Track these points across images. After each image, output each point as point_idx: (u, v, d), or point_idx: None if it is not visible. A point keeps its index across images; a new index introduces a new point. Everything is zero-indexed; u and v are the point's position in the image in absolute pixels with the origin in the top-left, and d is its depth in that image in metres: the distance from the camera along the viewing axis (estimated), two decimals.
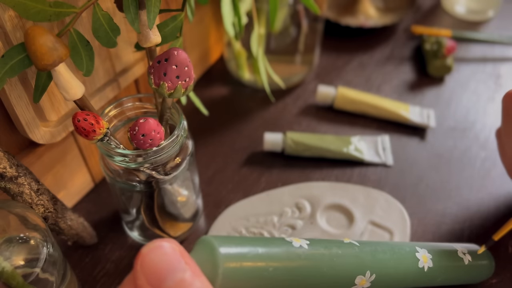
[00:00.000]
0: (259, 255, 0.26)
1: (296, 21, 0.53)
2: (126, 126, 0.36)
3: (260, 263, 0.26)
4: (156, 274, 0.20)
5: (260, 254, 0.26)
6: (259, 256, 0.26)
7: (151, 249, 0.21)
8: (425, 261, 0.33)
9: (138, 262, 0.21)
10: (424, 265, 0.33)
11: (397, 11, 0.68)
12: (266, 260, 0.26)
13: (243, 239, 0.27)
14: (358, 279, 0.30)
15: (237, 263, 0.25)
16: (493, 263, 0.37)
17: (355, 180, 0.48)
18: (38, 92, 0.30)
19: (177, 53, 0.29)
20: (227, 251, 0.25)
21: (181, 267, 0.21)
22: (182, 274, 0.20)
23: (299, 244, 0.28)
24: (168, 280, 0.20)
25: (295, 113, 0.55)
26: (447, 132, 0.53)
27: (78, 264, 0.40)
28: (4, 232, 0.28)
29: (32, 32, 0.25)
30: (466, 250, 0.36)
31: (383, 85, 0.59)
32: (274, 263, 0.26)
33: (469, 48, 0.66)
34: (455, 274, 0.35)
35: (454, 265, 0.35)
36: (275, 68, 0.53)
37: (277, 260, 0.26)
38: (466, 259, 0.35)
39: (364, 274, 0.30)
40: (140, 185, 0.35)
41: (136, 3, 0.29)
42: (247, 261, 0.25)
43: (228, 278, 0.24)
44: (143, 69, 0.43)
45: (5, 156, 0.30)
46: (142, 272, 0.20)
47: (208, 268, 0.24)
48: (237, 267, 0.25)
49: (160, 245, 0.21)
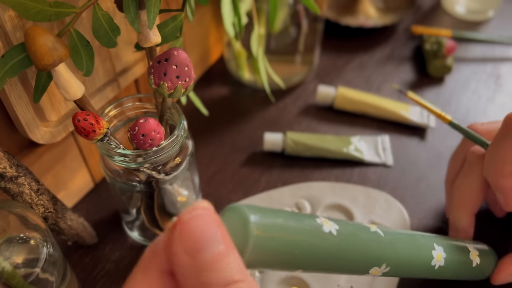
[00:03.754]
0: (291, 228, 0.25)
1: (296, 21, 0.53)
2: (126, 126, 0.36)
3: (292, 236, 0.25)
4: (195, 244, 0.20)
5: (292, 227, 0.25)
6: (291, 230, 0.25)
7: (192, 217, 0.20)
8: (438, 260, 0.33)
9: (177, 228, 0.20)
10: (436, 263, 0.33)
11: (397, 11, 0.68)
12: (297, 235, 0.25)
13: (275, 211, 0.26)
14: (373, 269, 0.30)
15: (268, 233, 0.24)
16: (496, 262, 0.38)
17: (355, 180, 0.48)
18: (38, 92, 0.30)
19: (177, 53, 0.29)
20: (258, 219, 0.24)
21: (218, 239, 0.20)
22: (218, 247, 0.20)
23: (329, 229, 0.27)
24: (205, 252, 0.20)
25: (295, 113, 0.55)
26: (447, 132, 0.53)
27: (78, 264, 0.40)
28: (4, 232, 0.28)
29: (32, 32, 0.25)
30: (478, 252, 0.36)
31: (383, 85, 0.59)
32: (304, 240, 0.26)
33: (469, 48, 0.66)
34: (460, 273, 0.35)
35: (462, 267, 0.35)
36: (275, 68, 0.53)
37: (307, 237, 0.26)
38: (475, 262, 0.35)
39: (380, 266, 0.30)
40: (140, 185, 0.35)
41: (136, 3, 0.29)
42: (278, 233, 0.24)
43: (258, 248, 0.23)
44: (143, 69, 0.43)
45: (5, 156, 0.30)
46: (181, 240, 0.20)
47: (239, 237, 0.23)
48: (268, 237, 0.24)
49: (201, 213, 0.20)
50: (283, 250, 0.25)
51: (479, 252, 0.36)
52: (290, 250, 0.25)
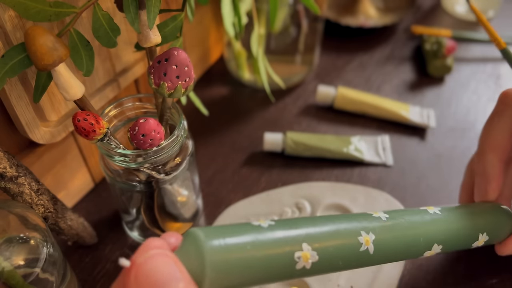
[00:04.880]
0: (249, 245, 0.24)
1: (296, 21, 0.53)
2: (126, 126, 0.36)
3: (249, 253, 0.24)
4: (152, 286, 0.19)
5: (251, 244, 0.24)
6: (249, 248, 0.24)
7: (147, 259, 0.19)
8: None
9: (131, 273, 0.19)
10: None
11: (397, 11, 0.68)
12: (256, 251, 0.24)
13: (236, 228, 0.25)
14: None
15: (225, 256, 0.23)
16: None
17: (355, 180, 0.48)
18: (38, 92, 0.30)
19: (177, 53, 0.29)
20: (214, 244, 0.23)
21: (177, 277, 0.20)
22: (177, 284, 0.19)
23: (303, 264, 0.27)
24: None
25: (295, 113, 0.55)
26: (447, 132, 0.53)
27: (78, 264, 0.40)
28: (4, 232, 0.28)
29: (32, 32, 0.25)
30: (487, 236, 0.35)
31: (383, 85, 0.59)
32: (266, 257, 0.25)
33: (469, 48, 0.66)
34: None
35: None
36: (275, 68, 0.53)
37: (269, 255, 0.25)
38: (481, 240, 0.35)
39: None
40: (140, 185, 0.35)
41: (136, 3, 0.29)
42: (236, 254, 0.24)
43: (217, 273, 0.23)
44: (143, 69, 0.43)
45: (5, 156, 0.30)
46: (137, 284, 0.19)
47: (194, 264, 0.22)
48: (225, 260, 0.23)
49: (156, 254, 0.20)
50: (244, 268, 0.24)
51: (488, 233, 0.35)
52: (251, 266, 0.24)
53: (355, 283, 0.38)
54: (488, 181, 0.36)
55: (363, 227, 0.29)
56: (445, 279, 0.40)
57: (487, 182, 0.36)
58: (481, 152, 0.37)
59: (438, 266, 0.41)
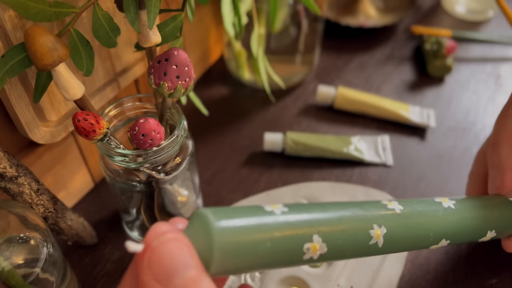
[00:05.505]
0: (257, 227, 0.23)
1: (296, 21, 0.53)
2: (126, 126, 0.36)
3: (258, 236, 0.23)
4: (165, 271, 0.19)
5: (258, 227, 0.24)
6: (257, 229, 0.23)
7: (161, 243, 0.19)
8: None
9: (145, 256, 0.19)
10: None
11: (397, 11, 0.68)
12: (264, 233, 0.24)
13: (244, 210, 0.24)
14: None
15: (234, 238, 0.22)
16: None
17: (355, 180, 0.48)
18: (38, 92, 0.30)
19: (177, 53, 0.29)
20: (222, 225, 0.22)
21: (190, 264, 0.19)
22: (189, 272, 0.19)
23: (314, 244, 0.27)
24: (177, 278, 0.19)
25: (295, 113, 0.55)
26: (447, 132, 0.53)
27: (78, 264, 0.40)
28: (4, 232, 0.28)
29: (32, 32, 0.25)
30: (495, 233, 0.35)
31: (383, 85, 0.59)
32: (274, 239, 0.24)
33: (469, 48, 0.66)
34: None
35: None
36: (275, 68, 0.53)
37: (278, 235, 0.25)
38: (489, 235, 0.35)
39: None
40: (140, 185, 0.35)
41: (136, 3, 0.29)
42: (244, 236, 0.23)
43: (225, 255, 0.22)
44: (143, 69, 0.43)
45: (5, 156, 0.30)
46: (150, 268, 0.19)
47: (203, 246, 0.22)
48: (234, 242, 0.22)
49: (170, 238, 0.20)
50: (251, 252, 0.23)
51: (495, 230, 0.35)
52: (258, 252, 0.24)
53: (355, 283, 0.38)
54: (504, 173, 0.35)
55: (376, 219, 0.29)
56: (446, 278, 0.40)
57: (503, 174, 0.35)
58: (496, 143, 0.36)
59: (439, 265, 0.41)
